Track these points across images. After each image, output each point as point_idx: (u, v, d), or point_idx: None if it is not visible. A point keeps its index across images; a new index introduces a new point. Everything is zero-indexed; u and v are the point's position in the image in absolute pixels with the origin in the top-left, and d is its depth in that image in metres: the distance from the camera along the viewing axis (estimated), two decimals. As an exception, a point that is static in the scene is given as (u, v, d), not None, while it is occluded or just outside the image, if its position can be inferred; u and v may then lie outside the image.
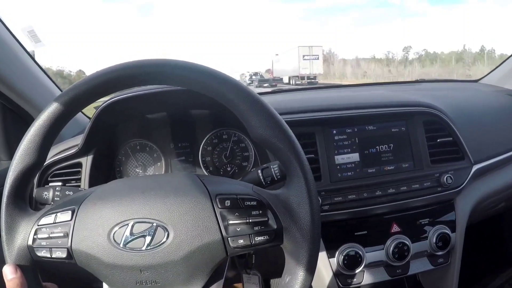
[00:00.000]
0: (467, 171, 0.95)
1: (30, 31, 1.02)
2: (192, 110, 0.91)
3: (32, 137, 0.47)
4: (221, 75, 0.49)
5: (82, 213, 0.47)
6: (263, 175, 0.60)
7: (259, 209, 0.47)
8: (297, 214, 0.47)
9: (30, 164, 0.48)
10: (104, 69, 0.48)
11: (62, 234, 0.46)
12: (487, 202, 1.06)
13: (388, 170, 0.88)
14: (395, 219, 0.89)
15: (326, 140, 0.86)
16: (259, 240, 0.46)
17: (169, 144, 0.91)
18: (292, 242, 0.47)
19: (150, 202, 0.47)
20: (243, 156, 0.92)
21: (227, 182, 0.52)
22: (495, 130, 1.09)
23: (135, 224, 0.46)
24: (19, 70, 0.94)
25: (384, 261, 0.87)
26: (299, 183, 0.48)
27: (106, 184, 0.53)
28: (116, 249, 0.46)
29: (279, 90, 1.43)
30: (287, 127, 0.49)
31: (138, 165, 0.90)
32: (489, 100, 1.22)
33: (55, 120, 0.48)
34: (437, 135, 0.93)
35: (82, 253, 0.46)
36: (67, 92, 0.48)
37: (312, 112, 0.88)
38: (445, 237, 0.89)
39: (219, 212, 0.46)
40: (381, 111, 0.90)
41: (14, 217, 0.48)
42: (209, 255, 0.46)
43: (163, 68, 0.48)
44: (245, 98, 0.48)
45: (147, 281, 0.47)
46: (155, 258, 0.45)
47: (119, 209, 0.47)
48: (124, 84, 0.49)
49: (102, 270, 0.47)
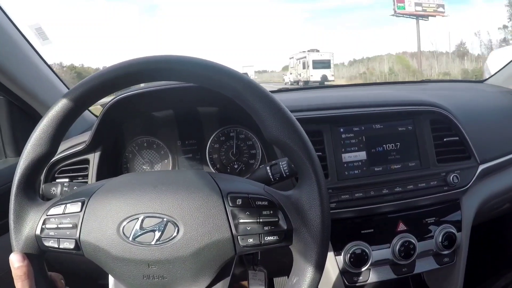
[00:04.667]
0: (473, 170, 0.95)
1: (38, 29, 1.02)
2: (199, 107, 0.91)
3: (45, 127, 0.48)
4: (235, 73, 0.49)
5: (92, 205, 0.47)
6: (271, 171, 0.60)
7: (270, 209, 0.47)
8: (307, 216, 0.47)
9: (41, 154, 0.48)
10: (120, 63, 0.49)
11: (71, 225, 0.47)
12: (493, 202, 1.06)
13: (395, 168, 0.88)
14: (401, 217, 0.89)
15: (334, 138, 0.86)
16: (269, 240, 0.46)
17: (176, 141, 0.91)
18: (302, 243, 0.47)
19: (161, 197, 0.47)
20: (250, 154, 0.92)
21: (238, 181, 0.52)
22: (501, 130, 1.09)
23: (145, 219, 0.46)
24: (26, 68, 0.95)
25: (390, 260, 0.87)
26: (311, 185, 0.48)
27: (117, 178, 0.53)
28: (125, 243, 0.46)
29: (285, 89, 1.43)
30: (301, 128, 0.49)
31: (145, 162, 0.90)
32: (495, 100, 1.22)
33: (68, 112, 0.48)
34: (443, 134, 0.93)
35: (90, 244, 0.46)
36: (79, 86, 0.48)
37: (320, 110, 0.88)
38: (451, 237, 0.89)
39: (230, 210, 0.46)
40: (388, 110, 0.90)
41: (23, 206, 0.48)
42: (218, 252, 0.46)
43: (175, 64, 0.49)
44: (260, 97, 0.48)
45: (155, 276, 0.47)
46: (163, 253, 0.46)
47: (130, 202, 0.47)
48: (141, 78, 0.50)
49: (110, 262, 0.47)
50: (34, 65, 0.98)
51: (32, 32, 1.01)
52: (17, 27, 0.93)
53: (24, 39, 0.96)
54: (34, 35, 1.02)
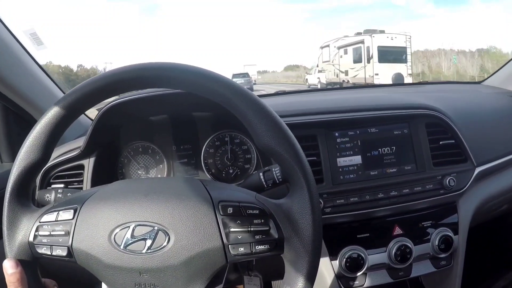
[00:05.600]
0: (469, 173, 0.95)
1: (32, 34, 1.02)
2: (194, 112, 0.91)
3: (38, 134, 0.48)
4: (224, 80, 0.49)
5: (84, 212, 0.47)
6: (264, 178, 0.59)
7: (261, 218, 0.47)
8: (299, 225, 0.47)
9: (34, 161, 0.48)
10: (113, 69, 0.49)
11: (63, 232, 0.47)
12: (490, 204, 1.06)
13: (391, 172, 0.88)
14: (397, 221, 0.89)
15: (328, 143, 0.86)
16: (260, 249, 0.46)
17: (171, 146, 0.91)
18: (293, 252, 0.47)
19: (152, 205, 0.47)
20: (245, 159, 0.92)
21: (230, 189, 0.52)
22: (497, 132, 1.09)
23: (137, 227, 0.46)
24: (21, 73, 0.95)
25: (387, 264, 0.87)
26: (302, 194, 0.48)
27: (109, 185, 0.53)
28: (116, 251, 0.46)
29: (281, 92, 1.43)
30: (292, 137, 0.49)
31: (140, 167, 0.90)
32: (492, 102, 1.22)
33: (61, 118, 0.48)
34: (439, 137, 0.92)
35: (82, 252, 0.46)
36: (72, 92, 0.48)
37: (314, 114, 0.87)
38: (447, 240, 0.89)
39: (221, 219, 0.46)
40: (384, 114, 0.90)
41: (16, 213, 0.48)
42: (209, 261, 0.46)
43: (168, 72, 0.49)
44: (251, 105, 0.48)
45: (146, 284, 0.47)
46: (154, 261, 0.46)
47: (121, 211, 0.47)
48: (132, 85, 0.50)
49: (102, 270, 0.47)
50: (29, 70, 0.98)
51: (27, 37, 1.01)
52: (11, 33, 0.93)
53: (19, 44, 0.96)
54: (29, 40, 1.02)
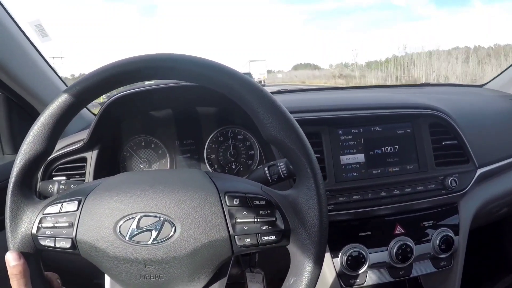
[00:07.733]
0: (471, 174, 0.95)
1: (38, 25, 1.01)
2: (198, 107, 0.91)
3: (42, 126, 0.47)
4: (233, 72, 0.49)
5: (89, 204, 0.47)
6: (269, 172, 0.60)
7: (268, 209, 0.46)
8: (305, 216, 0.47)
9: (38, 152, 0.47)
10: (118, 61, 0.48)
11: (67, 224, 0.46)
12: (490, 206, 1.06)
13: (393, 171, 0.88)
14: (399, 220, 0.89)
15: (332, 140, 0.86)
16: (266, 240, 0.46)
17: (174, 140, 0.91)
18: (299, 243, 0.47)
19: (158, 196, 0.47)
20: (248, 155, 0.92)
21: (236, 180, 0.52)
22: (499, 134, 1.09)
23: (142, 218, 0.46)
24: (25, 64, 0.94)
25: (387, 263, 0.87)
26: (309, 185, 0.47)
27: (114, 176, 0.53)
28: (121, 242, 0.45)
29: (284, 90, 1.43)
30: (299, 129, 0.48)
31: (143, 162, 0.90)
32: (494, 105, 1.22)
33: (65, 110, 0.48)
34: (442, 137, 0.93)
35: (86, 244, 0.46)
36: (77, 84, 0.48)
37: (319, 111, 0.88)
38: (448, 240, 0.89)
39: (227, 210, 0.46)
40: (387, 113, 0.90)
41: (19, 205, 0.47)
42: (215, 252, 0.46)
43: (174, 63, 0.48)
44: (259, 96, 0.48)
45: (151, 276, 0.46)
46: (160, 252, 0.45)
47: (127, 201, 0.47)
48: (137, 76, 0.49)
49: (106, 262, 0.47)
50: (33, 61, 0.97)
51: (32, 29, 1.01)
52: (17, 23, 0.92)
53: (24, 35, 0.95)
54: (34, 32, 1.02)
